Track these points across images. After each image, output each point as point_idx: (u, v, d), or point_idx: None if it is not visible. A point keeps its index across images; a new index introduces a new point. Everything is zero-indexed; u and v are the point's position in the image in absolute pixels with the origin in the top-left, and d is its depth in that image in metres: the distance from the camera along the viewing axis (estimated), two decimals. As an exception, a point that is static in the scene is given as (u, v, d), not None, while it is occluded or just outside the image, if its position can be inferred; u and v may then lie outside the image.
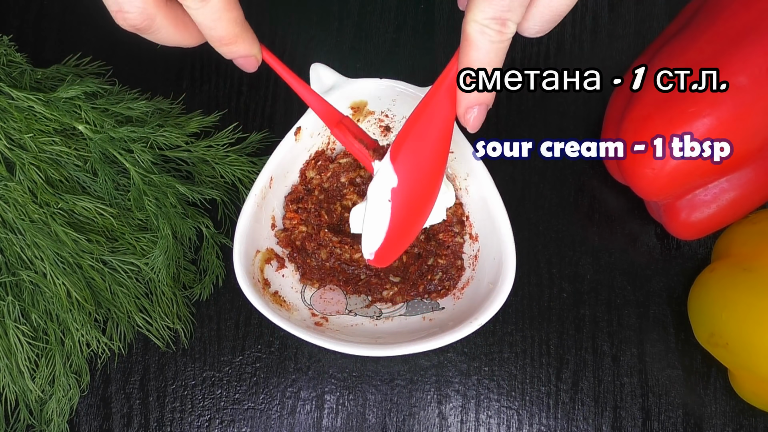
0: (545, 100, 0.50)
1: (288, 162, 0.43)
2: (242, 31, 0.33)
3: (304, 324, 0.41)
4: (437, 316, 0.43)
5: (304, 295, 0.44)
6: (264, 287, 0.41)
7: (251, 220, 0.41)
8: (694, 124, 0.39)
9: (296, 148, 0.43)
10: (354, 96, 0.43)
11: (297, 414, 0.46)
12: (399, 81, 0.42)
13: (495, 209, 0.41)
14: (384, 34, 0.52)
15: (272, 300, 0.41)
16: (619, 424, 0.46)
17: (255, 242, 0.41)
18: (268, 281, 0.42)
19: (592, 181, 0.49)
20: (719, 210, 0.43)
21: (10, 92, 0.44)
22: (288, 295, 0.43)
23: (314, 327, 0.41)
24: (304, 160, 0.44)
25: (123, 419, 0.46)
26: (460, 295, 0.43)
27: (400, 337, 0.41)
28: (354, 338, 0.41)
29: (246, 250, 0.40)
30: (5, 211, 0.44)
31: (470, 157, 0.42)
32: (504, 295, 0.39)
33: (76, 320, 0.44)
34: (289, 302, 0.42)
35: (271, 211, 0.44)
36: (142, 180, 0.45)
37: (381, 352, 0.39)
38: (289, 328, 0.39)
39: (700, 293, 0.44)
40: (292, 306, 0.42)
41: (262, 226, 0.42)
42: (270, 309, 0.39)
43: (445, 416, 0.46)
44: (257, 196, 0.41)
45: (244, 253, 0.40)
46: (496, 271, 0.40)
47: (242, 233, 0.40)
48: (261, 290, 0.40)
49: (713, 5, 0.42)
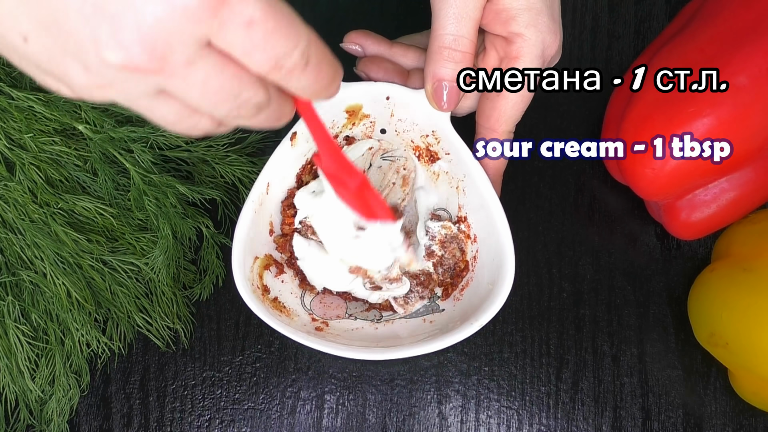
0: (545, 100, 0.50)
1: (284, 167, 0.43)
2: (335, 61, 0.29)
3: (305, 329, 0.41)
4: (437, 318, 0.43)
5: (303, 300, 0.44)
6: (263, 293, 0.41)
7: (249, 226, 0.41)
8: (694, 124, 0.39)
9: (292, 154, 0.43)
10: (349, 100, 0.43)
11: (297, 414, 0.46)
12: (394, 84, 0.42)
13: (493, 210, 0.41)
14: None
15: (272, 306, 0.41)
16: (619, 424, 0.46)
17: (253, 249, 0.41)
18: (267, 287, 0.42)
19: (592, 181, 0.49)
20: (719, 210, 0.43)
21: (10, 92, 0.44)
22: (288, 300, 0.43)
23: (315, 332, 0.41)
24: (301, 165, 0.44)
25: (123, 419, 0.46)
26: (459, 297, 0.43)
27: (401, 340, 0.41)
28: (355, 342, 0.41)
29: (244, 256, 0.40)
30: (5, 211, 0.44)
31: (467, 158, 0.42)
32: (504, 296, 0.39)
33: (76, 320, 0.44)
34: (289, 308, 0.42)
35: (269, 217, 0.43)
36: (142, 180, 0.45)
37: (382, 355, 0.39)
38: (289, 334, 0.39)
39: (700, 293, 0.44)
40: (292, 311, 0.42)
41: (260, 232, 0.42)
42: (270, 315, 0.39)
43: (445, 416, 0.46)
44: (254, 202, 0.41)
45: (242, 260, 0.40)
46: (496, 272, 0.40)
47: (240, 240, 0.40)
48: (260, 297, 0.40)
49: (713, 5, 0.42)
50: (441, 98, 0.39)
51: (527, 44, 0.38)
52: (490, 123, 0.40)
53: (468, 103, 0.42)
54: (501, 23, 0.38)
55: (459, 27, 0.37)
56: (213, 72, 0.25)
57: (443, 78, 0.39)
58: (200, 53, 0.24)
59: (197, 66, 0.24)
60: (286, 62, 0.25)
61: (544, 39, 0.38)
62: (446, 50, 0.38)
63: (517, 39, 0.38)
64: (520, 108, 0.40)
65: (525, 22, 0.37)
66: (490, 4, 0.38)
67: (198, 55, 0.24)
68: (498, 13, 0.38)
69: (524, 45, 0.38)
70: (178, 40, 0.23)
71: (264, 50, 0.25)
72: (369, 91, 0.42)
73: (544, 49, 0.38)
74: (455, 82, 0.39)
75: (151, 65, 0.24)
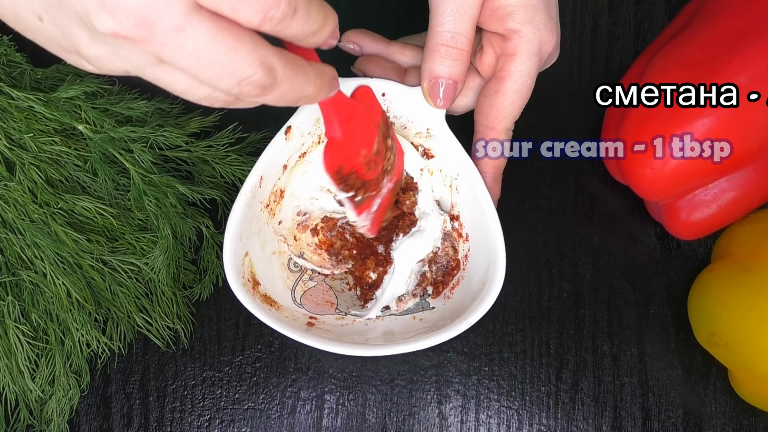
0: (545, 100, 0.50)
1: (278, 161, 0.43)
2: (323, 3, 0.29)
3: (296, 324, 0.41)
4: (427, 316, 0.43)
5: (294, 294, 0.44)
6: (254, 287, 0.41)
7: (241, 220, 0.41)
8: (694, 124, 0.39)
9: (287, 148, 0.43)
10: None
11: (297, 414, 0.46)
12: (390, 80, 0.42)
13: (485, 209, 0.41)
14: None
15: (262, 300, 0.41)
16: (619, 424, 0.46)
17: (245, 243, 0.41)
18: (257, 281, 0.42)
19: (592, 181, 0.49)
20: (719, 210, 0.43)
21: (10, 92, 0.44)
22: (278, 294, 0.43)
23: (305, 327, 0.41)
24: (295, 160, 0.44)
25: (123, 419, 0.46)
26: (450, 295, 0.43)
27: (390, 337, 0.42)
28: (344, 338, 0.41)
29: (236, 249, 0.40)
30: (5, 211, 0.44)
31: (461, 156, 0.42)
32: (493, 295, 0.39)
33: (76, 320, 0.44)
34: (279, 302, 0.42)
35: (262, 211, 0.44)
36: (142, 180, 0.45)
37: (371, 351, 0.40)
38: (279, 328, 0.39)
39: (700, 293, 0.44)
40: (283, 306, 0.42)
41: (252, 225, 0.42)
42: (260, 309, 0.39)
43: (445, 416, 0.46)
44: (247, 195, 0.41)
45: (233, 252, 0.40)
46: (487, 272, 0.40)
47: (232, 233, 0.40)
48: (251, 290, 0.40)
49: (713, 5, 0.42)
50: (437, 95, 0.39)
51: (524, 41, 0.38)
52: (489, 121, 0.40)
53: (464, 101, 0.42)
54: (498, 20, 0.38)
55: (457, 24, 0.37)
56: (204, 40, 0.25)
57: (440, 75, 0.39)
58: (189, 18, 0.24)
59: (187, 32, 0.24)
60: (275, 12, 0.25)
61: (541, 36, 0.38)
62: (443, 47, 0.38)
63: (514, 36, 0.38)
64: (518, 105, 0.40)
65: (521, 19, 0.37)
66: (487, 2, 0.38)
67: (187, 20, 0.24)
68: (495, 11, 0.38)
69: (521, 42, 0.38)
70: (163, 3, 0.23)
71: (251, 3, 0.25)
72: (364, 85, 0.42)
73: (541, 45, 0.38)
74: (452, 79, 0.39)
75: (140, 32, 0.24)
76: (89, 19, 0.24)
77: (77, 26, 0.25)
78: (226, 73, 0.26)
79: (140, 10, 0.23)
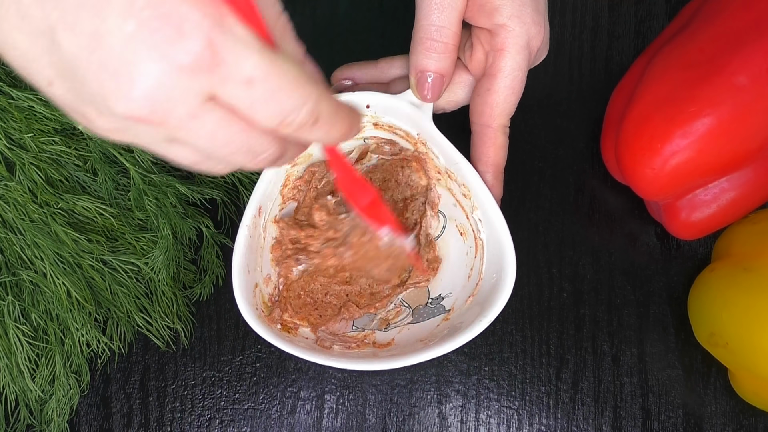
0: (545, 100, 0.50)
1: (273, 188, 0.43)
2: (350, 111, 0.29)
3: (310, 346, 0.41)
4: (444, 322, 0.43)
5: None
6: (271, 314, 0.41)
7: (245, 252, 0.40)
8: (694, 124, 0.39)
9: (279, 174, 0.43)
10: None
11: (297, 414, 0.46)
12: (374, 92, 0.42)
13: (484, 201, 0.41)
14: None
15: (282, 327, 0.41)
16: (619, 424, 0.46)
17: (253, 274, 0.41)
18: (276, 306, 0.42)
19: (592, 181, 0.49)
20: (719, 210, 0.43)
21: (10, 92, 0.44)
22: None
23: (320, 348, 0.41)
24: (281, 182, 0.44)
25: (123, 419, 0.46)
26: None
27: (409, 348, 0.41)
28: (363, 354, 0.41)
29: (246, 282, 0.40)
30: (5, 211, 0.44)
31: (454, 154, 0.41)
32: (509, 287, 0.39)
33: (76, 320, 0.44)
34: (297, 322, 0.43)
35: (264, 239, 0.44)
36: (142, 180, 0.45)
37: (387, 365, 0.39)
38: (302, 354, 0.39)
39: (700, 293, 0.44)
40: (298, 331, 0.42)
41: (257, 256, 0.42)
42: (279, 338, 0.39)
43: (445, 416, 0.46)
44: (248, 227, 0.41)
45: (244, 285, 0.40)
46: (498, 265, 0.40)
47: (239, 268, 0.40)
48: (265, 320, 0.40)
49: (713, 5, 0.42)
50: (424, 89, 0.39)
51: (511, 35, 0.38)
52: (484, 119, 0.40)
53: (453, 97, 0.42)
54: (485, 15, 0.38)
55: (442, 17, 0.37)
56: (219, 125, 0.25)
57: (426, 69, 0.39)
58: (204, 107, 0.24)
59: (202, 119, 0.24)
60: (294, 119, 0.25)
61: (528, 30, 0.38)
62: (429, 41, 0.38)
63: (501, 30, 0.38)
64: (511, 101, 0.39)
65: (509, 13, 0.37)
66: None
67: (202, 109, 0.24)
68: (482, 6, 0.38)
69: (509, 36, 0.38)
70: (178, 95, 0.23)
71: (268, 108, 0.25)
72: (348, 102, 0.42)
73: (529, 40, 0.38)
74: (438, 72, 0.39)
75: (155, 117, 0.24)
76: (105, 100, 0.24)
77: (88, 102, 0.25)
78: (240, 151, 0.26)
79: (155, 98, 0.23)
